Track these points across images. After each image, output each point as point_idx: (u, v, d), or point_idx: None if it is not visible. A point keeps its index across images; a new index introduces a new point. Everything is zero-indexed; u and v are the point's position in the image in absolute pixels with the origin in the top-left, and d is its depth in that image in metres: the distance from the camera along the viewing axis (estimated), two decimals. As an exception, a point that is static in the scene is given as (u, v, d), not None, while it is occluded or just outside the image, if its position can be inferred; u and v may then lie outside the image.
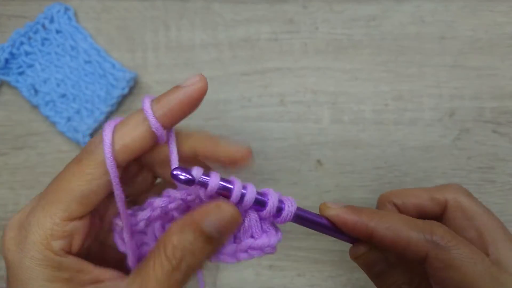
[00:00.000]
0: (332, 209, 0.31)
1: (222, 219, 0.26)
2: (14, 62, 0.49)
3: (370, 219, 0.30)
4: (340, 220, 0.31)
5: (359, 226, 0.30)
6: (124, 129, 0.27)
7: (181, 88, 0.28)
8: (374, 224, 0.30)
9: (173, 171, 0.26)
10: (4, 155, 0.49)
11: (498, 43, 0.48)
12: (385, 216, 0.31)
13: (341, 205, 0.32)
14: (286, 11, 0.49)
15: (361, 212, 0.31)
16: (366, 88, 0.48)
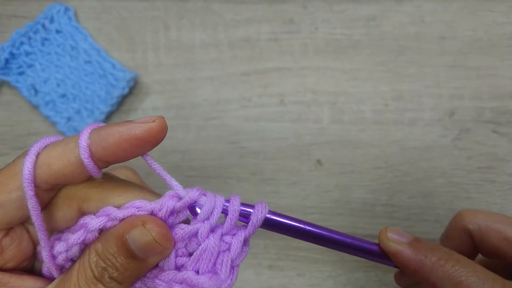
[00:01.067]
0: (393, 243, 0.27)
1: (144, 239, 0.24)
2: (14, 62, 0.49)
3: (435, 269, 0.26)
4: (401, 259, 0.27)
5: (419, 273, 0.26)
6: (54, 151, 0.24)
7: (129, 123, 0.24)
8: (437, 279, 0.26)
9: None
10: (4, 155, 0.49)
11: (498, 43, 0.48)
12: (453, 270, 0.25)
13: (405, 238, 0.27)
14: (286, 11, 0.49)
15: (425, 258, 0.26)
16: (366, 88, 0.48)
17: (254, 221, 0.25)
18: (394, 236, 0.28)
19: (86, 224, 0.24)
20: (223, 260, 0.24)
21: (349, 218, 0.46)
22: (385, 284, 0.45)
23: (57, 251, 0.25)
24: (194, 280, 0.23)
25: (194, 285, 0.23)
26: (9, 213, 0.24)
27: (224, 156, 0.48)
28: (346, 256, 0.46)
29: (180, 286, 0.24)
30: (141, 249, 0.23)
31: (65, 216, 0.26)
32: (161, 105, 0.49)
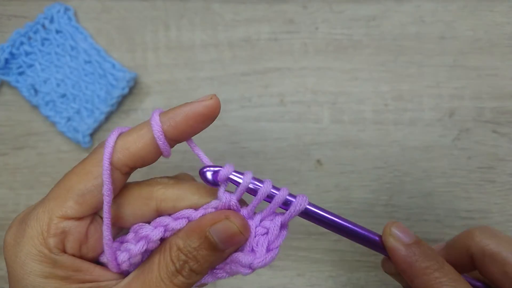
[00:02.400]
0: (392, 239, 0.28)
1: (229, 231, 0.27)
2: (14, 62, 0.49)
3: (420, 275, 0.27)
4: (393, 255, 0.28)
5: (405, 274, 0.28)
6: (130, 136, 0.28)
7: (190, 103, 0.28)
8: (419, 285, 0.27)
9: (202, 169, 0.27)
10: (4, 155, 0.49)
11: (498, 43, 0.48)
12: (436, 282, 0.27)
13: (407, 238, 0.28)
14: (286, 11, 0.49)
15: (414, 263, 0.27)
16: (366, 88, 0.48)
17: (292, 210, 0.28)
18: (397, 233, 0.28)
19: (148, 236, 0.27)
20: (258, 241, 0.28)
21: (349, 218, 0.46)
22: (385, 284, 0.45)
23: (121, 260, 0.28)
24: (234, 257, 0.27)
25: (233, 260, 0.28)
26: (96, 198, 0.26)
27: (224, 156, 0.48)
28: (346, 256, 0.46)
29: (228, 265, 0.28)
30: (224, 241, 0.26)
31: (139, 213, 0.29)
32: (161, 105, 0.49)
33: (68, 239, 0.26)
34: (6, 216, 0.48)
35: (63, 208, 0.26)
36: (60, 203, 0.26)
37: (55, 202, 0.26)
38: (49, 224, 0.26)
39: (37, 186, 0.49)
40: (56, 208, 0.26)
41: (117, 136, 0.28)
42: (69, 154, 0.49)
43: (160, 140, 0.27)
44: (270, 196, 0.28)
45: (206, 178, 0.28)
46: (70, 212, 0.26)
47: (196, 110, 0.28)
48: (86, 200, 0.26)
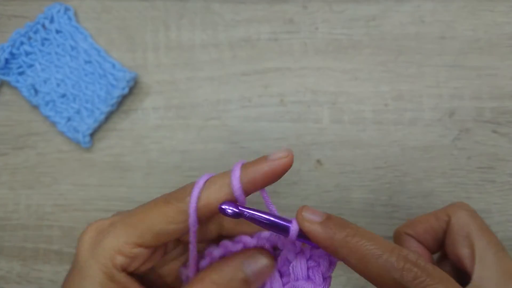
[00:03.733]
0: (307, 222, 0.30)
1: (261, 266, 0.29)
2: (14, 62, 0.49)
3: (342, 245, 0.28)
4: (314, 239, 0.29)
5: (329, 249, 0.29)
6: (212, 188, 0.29)
7: (268, 160, 0.30)
8: (345, 254, 0.28)
9: (221, 205, 0.28)
10: (4, 155, 0.49)
11: (498, 43, 0.48)
12: (358, 245, 0.28)
13: (318, 217, 0.30)
14: (286, 11, 0.49)
15: (334, 236, 0.29)
16: (366, 88, 0.48)
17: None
18: (308, 215, 0.30)
19: (210, 253, 0.31)
20: (314, 272, 0.30)
21: (349, 218, 0.45)
22: (385, 284, 0.45)
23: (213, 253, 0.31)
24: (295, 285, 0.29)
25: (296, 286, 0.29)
26: (172, 237, 0.30)
27: (224, 156, 0.48)
28: (346, 256, 0.45)
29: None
30: (256, 275, 0.29)
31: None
32: (161, 105, 0.49)
33: (134, 261, 0.30)
34: (6, 216, 0.48)
35: (141, 239, 0.29)
36: (140, 234, 0.29)
37: (135, 232, 0.29)
38: (124, 247, 0.29)
39: (37, 186, 0.49)
40: (134, 237, 0.29)
41: (202, 187, 0.29)
42: (69, 154, 0.49)
43: (238, 196, 0.29)
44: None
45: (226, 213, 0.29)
46: (145, 244, 0.29)
47: (274, 169, 0.30)
48: (162, 238, 0.29)
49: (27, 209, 0.48)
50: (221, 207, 0.28)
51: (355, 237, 0.28)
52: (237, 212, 0.28)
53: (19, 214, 0.48)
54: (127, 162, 0.48)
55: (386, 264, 0.26)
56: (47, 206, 0.48)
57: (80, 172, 0.49)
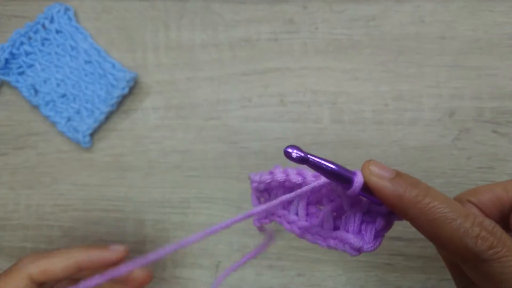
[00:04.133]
0: (374, 177, 0.27)
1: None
2: (14, 62, 0.49)
3: (412, 205, 0.26)
4: (381, 195, 0.27)
5: (397, 208, 0.27)
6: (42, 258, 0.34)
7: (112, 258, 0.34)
8: (414, 215, 0.26)
9: (286, 148, 0.26)
10: (4, 155, 0.49)
11: (498, 43, 0.48)
12: (430, 206, 0.26)
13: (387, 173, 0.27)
14: (286, 11, 0.49)
15: (404, 194, 0.27)
16: (366, 88, 0.48)
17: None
18: (376, 170, 0.27)
19: (273, 174, 0.30)
20: (367, 228, 0.28)
21: (349, 218, 0.46)
22: (385, 284, 0.45)
23: (253, 179, 0.31)
24: (343, 236, 0.28)
25: (342, 240, 0.28)
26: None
27: (224, 156, 0.48)
28: (346, 256, 0.46)
29: (334, 241, 0.29)
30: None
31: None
32: (161, 105, 0.49)
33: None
34: (6, 216, 0.48)
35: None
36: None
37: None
38: None
39: (37, 186, 0.49)
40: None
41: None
42: (69, 154, 0.49)
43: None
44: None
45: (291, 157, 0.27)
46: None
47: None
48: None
49: (27, 209, 0.48)
50: (287, 150, 0.25)
51: (427, 198, 0.26)
52: (302, 157, 0.26)
53: (19, 214, 0.48)
54: (127, 162, 0.48)
55: (459, 229, 0.25)
56: (47, 206, 0.48)
57: (80, 172, 0.49)
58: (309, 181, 0.29)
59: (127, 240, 0.47)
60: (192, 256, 0.46)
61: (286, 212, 0.32)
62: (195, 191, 0.47)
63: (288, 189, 0.32)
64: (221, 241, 0.46)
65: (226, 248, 0.46)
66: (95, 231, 0.47)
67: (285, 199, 0.28)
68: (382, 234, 0.29)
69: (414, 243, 0.45)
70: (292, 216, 0.31)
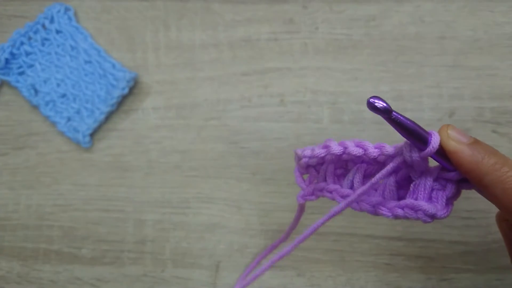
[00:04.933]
0: (452, 141, 0.27)
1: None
2: (14, 62, 0.49)
3: (489, 172, 0.26)
4: (458, 159, 0.26)
5: (473, 174, 0.26)
6: None
7: None
8: (489, 182, 0.26)
9: (370, 99, 0.25)
10: (4, 155, 0.49)
11: (498, 43, 0.48)
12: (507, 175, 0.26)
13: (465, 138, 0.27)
14: (286, 11, 0.49)
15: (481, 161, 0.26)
16: (366, 88, 0.48)
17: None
18: (455, 134, 0.27)
19: (330, 147, 0.29)
20: (438, 195, 0.27)
21: (349, 218, 0.46)
22: (385, 284, 0.45)
23: (303, 154, 0.31)
24: (415, 203, 0.27)
25: (415, 207, 0.27)
26: None
27: (224, 156, 0.48)
28: (346, 256, 0.46)
29: (402, 210, 0.27)
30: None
31: None
32: (161, 105, 0.49)
33: None
34: (6, 216, 0.48)
35: None
36: None
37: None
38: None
39: (37, 186, 0.49)
40: None
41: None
42: (69, 154, 0.49)
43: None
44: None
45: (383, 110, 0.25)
46: None
47: None
48: None
49: (27, 209, 0.48)
50: (370, 100, 0.25)
51: (504, 166, 0.26)
52: (387, 108, 0.25)
53: (19, 214, 0.48)
54: (127, 162, 0.48)
55: None
56: (47, 206, 0.48)
57: (80, 172, 0.49)
58: (371, 152, 0.28)
59: (127, 240, 0.47)
60: (192, 256, 0.46)
61: (337, 187, 0.31)
62: (195, 191, 0.47)
63: (342, 163, 0.31)
64: (221, 241, 0.46)
65: (226, 248, 0.46)
66: (95, 231, 0.47)
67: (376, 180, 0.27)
68: (452, 201, 0.28)
69: (414, 243, 0.45)
70: (347, 190, 0.30)
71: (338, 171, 0.31)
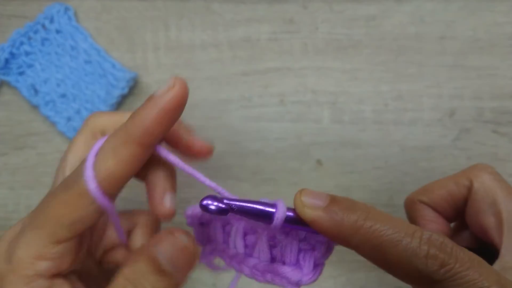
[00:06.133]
0: (308, 209, 0.24)
1: (175, 249, 0.24)
2: (14, 62, 0.49)
3: (354, 232, 0.23)
4: (318, 227, 0.24)
5: (338, 238, 0.24)
6: (108, 154, 0.25)
7: (155, 98, 0.26)
8: (357, 242, 0.24)
9: (203, 201, 0.23)
10: (4, 155, 0.49)
11: (498, 43, 0.48)
12: (372, 230, 0.23)
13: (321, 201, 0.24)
14: (286, 11, 0.49)
15: (342, 222, 0.24)
16: (366, 88, 0.48)
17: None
18: (309, 200, 0.24)
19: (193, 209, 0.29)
20: (306, 257, 0.25)
21: (349, 218, 0.46)
22: (385, 284, 0.45)
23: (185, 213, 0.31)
24: (279, 269, 0.25)
25: (279, 274, 0.25)
26: (89, 222, 0.26)
27: (224, 156, 0.48)
28: (346, 256, 0.46)
29: (270, 275, 0.26)
30: (172, 262, 0.24)
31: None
32: (161, 105, 0.49)
33: (63, 260, 0.26)
34: (6, 216, 0.48)
35: (55, 237, 0.25)
36: (51, 232, 0.25)
37: (45, 231, 0.25)
38: (41, 250, 0.25)
39: (37, 186, 0.49)
40: (48, 237, 0.25)
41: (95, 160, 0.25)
42: (69, 154, 0.49)
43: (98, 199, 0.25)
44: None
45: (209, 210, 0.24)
46: (62, 239, 0.25)
47: (165, 108, 0.26)
48: (78, 227, 0.26)
49: (27, 209, 0.48)
50: (202, 204, 0.23)
51: (367, 221, 0.23)
52: (222, 208, 0.23)
53: (19, 214, 0.48)
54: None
55: (406, 251, 0.22)
56: (47, 206, 0.48)
57: (80, 172, 0.49)
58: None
59: (127, 240, 0.47)
60: (192, 256, 0.46)
61: (225, 246, 0.29)
62: (195, 191, 0.47)
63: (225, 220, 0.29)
64: (221, 241, 0.46)
65: (226, 248, 0.46)
66: (95, 231, 0.47)
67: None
68: (322, 261, 0.26)
69: (414, 243, 0.45)
70: (231, 249, 0.28)
71: (227, 227, 0.30)
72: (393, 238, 0.23)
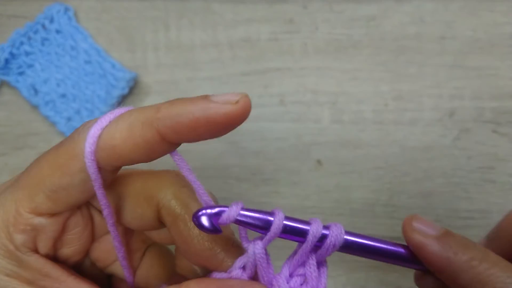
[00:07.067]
0: (418, 235, 0.23)
1: None
2: (14, 62, 0.49)
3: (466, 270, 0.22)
4: (423, 254, 0.23)
5: (444, 272, 0.23)
6: (120, 131, 0.22)
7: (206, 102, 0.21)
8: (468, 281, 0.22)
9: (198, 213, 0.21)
10: (4, 155, 0.49)
11: (498, 43, 0.48)
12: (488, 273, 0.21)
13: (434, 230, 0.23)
14: (286, 11, 0.49)
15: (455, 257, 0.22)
16: (366, 88, 0.48)
17: (329, 244, 0.24)
18: (420, 227, 0.23)
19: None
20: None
21: (349, 218, 0.46)
22: (385, 284, 0.45)
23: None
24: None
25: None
26: (73, 196, 0.23)
27: (224, 156, 0.48)
28: (346, 256, 0.45)
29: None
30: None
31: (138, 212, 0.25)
32: (161, 105, 0.49)
33: (40, 238, 0.23)
34: (6, 216, 0.48)
35: (33, 203, 0.22)
36: (29, 195, 0.22)
37: (24, 193, 0.22)
38: (16, 218, 0.22)
39: (37, 186, 0.49)
40: (25, 200, 0.22)
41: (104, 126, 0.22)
42: (69, 154, 0.49)
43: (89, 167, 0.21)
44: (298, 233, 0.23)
45: (202, 225, 0.22)
46: (41, 208, 0.22)
47: (209, 118, 0.21)
48: (60, 197, 0.22)
49: (27, 209, 0.48)
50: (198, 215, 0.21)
51: (483, 263, 0.21)
52: (216, 228, 0.21)
53: (19, 214, 0.48)
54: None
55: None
56: (47, 206, 0.48)
57: (80, 172, 0.49)
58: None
59: (127, 240, 0.47)
60: (192, 256, 0.46)
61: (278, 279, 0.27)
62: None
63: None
64: (221, 241, 0.46)
65: (226, 248, 0.46)
66: (95, 231, 0.47)
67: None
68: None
69: (414, 243, 0.45)
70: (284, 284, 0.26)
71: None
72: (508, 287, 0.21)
